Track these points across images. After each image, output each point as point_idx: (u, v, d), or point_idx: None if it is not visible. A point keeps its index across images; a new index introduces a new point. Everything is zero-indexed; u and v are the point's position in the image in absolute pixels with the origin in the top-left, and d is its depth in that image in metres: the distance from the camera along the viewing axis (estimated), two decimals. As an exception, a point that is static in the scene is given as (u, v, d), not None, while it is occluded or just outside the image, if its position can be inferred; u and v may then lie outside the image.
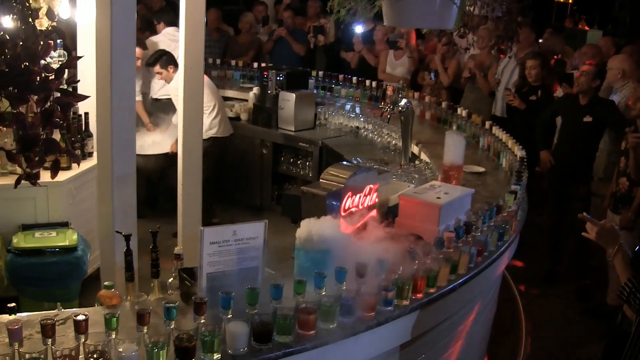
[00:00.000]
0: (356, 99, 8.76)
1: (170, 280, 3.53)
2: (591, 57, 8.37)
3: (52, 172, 2.96)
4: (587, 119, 7.09)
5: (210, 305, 3.06)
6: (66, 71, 2.98)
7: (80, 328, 2.86)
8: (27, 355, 2.65)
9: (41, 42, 2.92)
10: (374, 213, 4.31)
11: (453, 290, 3.82)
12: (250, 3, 12.60)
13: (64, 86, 3.04)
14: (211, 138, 7.51)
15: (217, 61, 10.19)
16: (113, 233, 4.63)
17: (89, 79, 4.59)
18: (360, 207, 4.20)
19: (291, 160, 8.14)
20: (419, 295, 3.59)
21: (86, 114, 6.18)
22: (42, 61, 2.95)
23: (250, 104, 8.69)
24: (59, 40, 6.04)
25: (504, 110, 8.93)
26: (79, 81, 2.86)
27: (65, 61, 2.86)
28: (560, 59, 9.84)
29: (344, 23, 10.09)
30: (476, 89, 9.29)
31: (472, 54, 9.63)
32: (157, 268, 3.61)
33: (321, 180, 4.17)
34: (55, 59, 5.90)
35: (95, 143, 6.04)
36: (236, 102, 8.96)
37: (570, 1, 18.03)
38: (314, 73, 9.24)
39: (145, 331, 2.93)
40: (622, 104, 7.39)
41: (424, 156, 6.33)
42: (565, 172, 7.35)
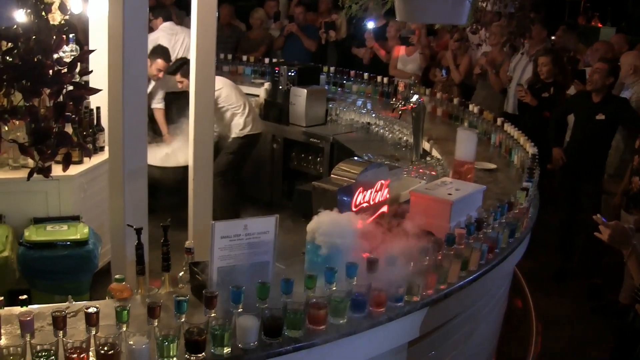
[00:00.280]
0: (367, 95, 8.75)
1: (180, 274, 3.53)
2: (603, 54, 8.34)
3: (64, 165, 2.96)
4: (600, 116, 7.06)
5: (220, 299, 3.07)
6: (78, 65, 2.98)
7: (91, 320, 2.87)
8: (38, 347, 2.66)
9: (54, 36, 2.92)
10: (385, 209, 4.31)
11: (464, 286, 3.81)
12: (262, -2, 12.61)
13: (76, 79, 3.04)
14: (247, 136, 7.51)
15: (228, 56, 10.19)
16: (124, 227, 4.64)
17: (100, 73, 4.59)
18: (371, 202, 4.19)
19: (302, 156, 8.13)
20: (430, 292, 3.59)
21: (98, 108, 6.18)
22: (55, 55, 2.95)
23: (261, 99, 8.69)
24: (71, 35, 6.06)
25: (515, 108, 8.90)
26: (91, 71, 2.86)
27: (77, 55, 2.85)
28: (573, 56, 9.81)
29: (356, 19, 10.09)
30: (487, 85, 9.27)
31: (484, 50, 9.61)
32: (168, 262, 3.62)
33: (332, 176, 4.17)
34: (68, 53, 5.90)
35: (106, 137, 6.07)
36: (248, 97, 8.95)
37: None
38: (325, 69, 9.25)
39: (156, 324, 2.94)
40: (633, 100, 7.36)
41: (435, 152, 6.32)
42: (577, 170, 7.33)
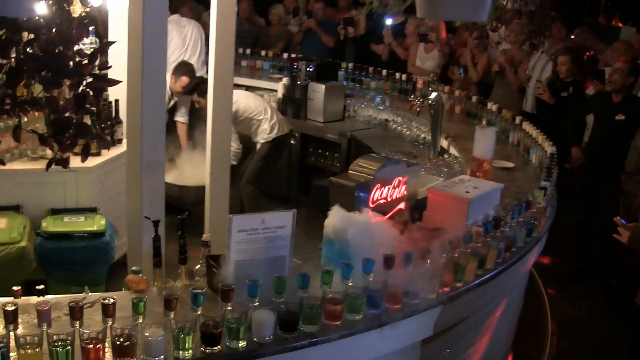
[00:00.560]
0: (386, 91, 8.74)
1: (197, 267, 3.54)
2: (623, 54, 8.30)
3: (83, 156, 2.98)
4: (620, 117, 7.02)
5: (236, 292, 3.07)
6: (99, 56, 2.99)
7: (108, 311, 2.89)
8: (54, 337, 2.66)
9: (75, 28, 2.93)
10: (402, 206, 4.30)
11: (480, 285, 3.80)
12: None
13: (96, 71, 3.05)
14: (275, 139, 7.48)
15: (247, 51, 10.20)
16: (141, 219, 4.64)
17: (119, 67, 4.60)
18: (389, 199, 4.19)
19: (319, 151, 8.13)
20: (446, 289, 3.58)
21: (116, 100, 6.20)
22: (76, 47, 2.96)
23: (279, 94, 8.70)
24: (91, 28, 6.07)
25: (533, 107, 8.87)
26: (110, 67, 2.86)
27: (97, 48, 2.86)
28: (593, 56, 9.76)
29: (376, 15, 10.08)
30: (506, 84, 9.23)
31: (503, 48, 9.58)
32: (184, 254, 3.62)
33: (350, 172, 4.16)
34: (87, 46, 5.91)
35: (124, 130, 6.09)
36: (265, 92, 8.96)
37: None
38: (343, 65, 9.23)
39: (172, 316, 2.95)
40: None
41: (453, 150, 6.31)
42: (595, 170, 7.29)
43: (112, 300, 2.90)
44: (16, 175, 5.52)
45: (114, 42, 2.99)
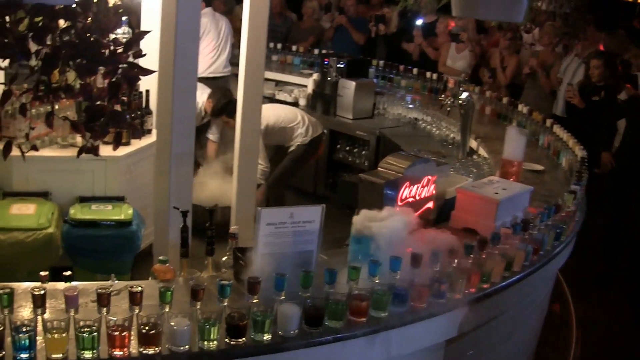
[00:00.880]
0: (416, 90, 8.70)
1: (224, 258, 3.55)
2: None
3: (114, 144, 2.99)
4: (653, 122, 6.97)
5: (263, 285, 3.07)
6: (133, 45, 3.00)
7: (135, 299, 2.90)
8: (81, 322, 2.68)
9: (111, 16, 2.94)
10: (430, 205, 4.28)
11: (507, 287, 3.77)
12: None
13: (130, 60, 3.06)
14: (310, 141, 7.43)
15: (278, 46, 10.20)
16: (168, 209, 4.66)
17: (151, 57, 4.61)
18: (417, 197, 4.17)
19: (347, 148, 8.12)
20: (472, 290, 3.56)
21: (147, 91, 6.22)
22: (111, 35, 2.97)
23: (309, 90, 8.69)
24: (124, 18, 6.10)
25: (564, 110, 8.81)
26: (145, 54, 2.87)
27: (132, 36, 2.87)
28: (626, 60, 9.67)
29: (410, 14, 10.06)
30: (537, 86, 9.18)
31: (535, 50, 9.52)
32: (212, 246, 3.63)
33: (379, 169, 4.15)
34: (120, 36, 5.94)
35: (154, 120, 6.11)
36: (295, 87, 8.97)
37: (638, 1, 17.65)
38: (374, 62, 9.21)
39: (198, 307, 2.95)
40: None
41: (482, 151, 6.27)
42: (626, 175, 7.24)
43: (139, 289, 2.92)
44: (46, 162, 5.54)
45: (149, 32, 3.00)
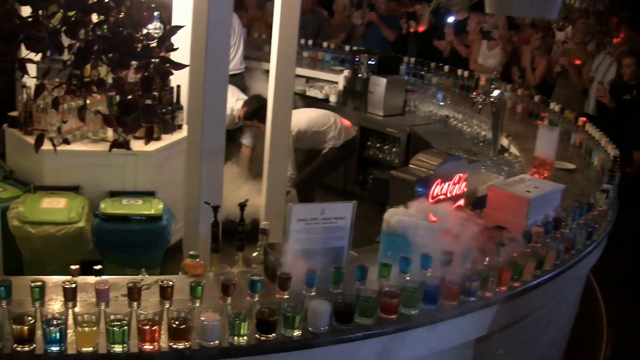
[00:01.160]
0: (447, 87, 8.66)
1: (254, 254, 3.54)
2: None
3: (146, 139, 3.01)
4: (685, 121, 6.90)
5: (293, 281, 3.07)
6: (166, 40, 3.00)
7: (166, 294, 2.91)
8: (112, 316, 2.69)
9: (144, 10, 2.95)
10: (461, 202, 4.26)
11: (538, 286, 3.75)
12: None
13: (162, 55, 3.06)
14: (343, 144, 7.39)
15: (309, 42, 10.19)
16: (199, 205, 4.66)
17: (181, 52, 4.61)
18: (449, 195, 4.15)
19: (377, 145, 8.09)
20: (503, 288, 3.54)
21: (178, 86, 6.24)
22: (144, 30, 2.98)
23: (340, 86, 8.67)
24: (155, 13, 6.11)
25: (595, 108, 8.73)
26: (177, 49, 2.88)
27: (165, 31, 2.88)
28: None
29: (443, 10, 10.01)
30: (568, 84, 9.10)
31: (565, 48, 9.44)
32: (242, 241, 3.63)
33: (411, 166, 4.14)
34: (152, 31, 5.95)
35: (185, 115, 6.13)
36: (326, 84, 8.96)
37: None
38: (405, 59, 9.17)
39: (229, 302, 2.95)
40: None
41: (513, 149, 6.23)
42: (658, 175, 7.18)
43: (170, 283, 2.93)
44: (77, 157, 5.58)
45: (182, 27, 3.00)
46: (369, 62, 8.17)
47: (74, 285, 2.90)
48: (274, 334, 2.87)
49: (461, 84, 8.62)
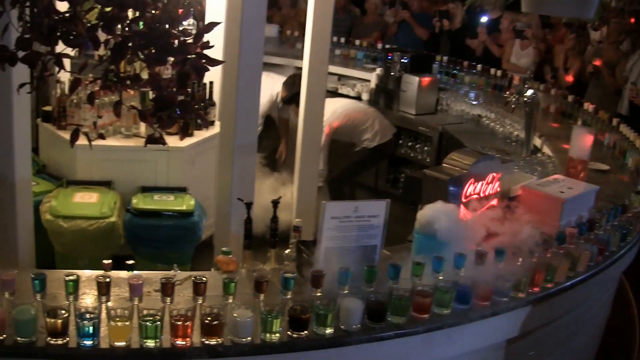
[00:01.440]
0: (480, 86, 8.61)
1: (286, 251, 3.55)
2: None
3: (182, 134, 3.00)
4: None
5: (326, 279, 3.07)
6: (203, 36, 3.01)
7: (199, 290, 2.92)
8: (145, 311, 2.70)
9: (180, 6, 2.95)
10: (494, 202, 4.24)
11: (571, 287, 3.73)
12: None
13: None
14: (376, 147, 7.35)
15: (341, 40, 10.18)
16: (230, 201, 4.67)
17: (214, 49, 4.63)
18: (482, 195, 4.13)
19: (409, 144, 8.05)
20: (536, 289, 3.52)
21: (211, 83, 6.25)
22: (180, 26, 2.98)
23: (372, 84, 8.64)
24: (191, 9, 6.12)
25: (628, 109, 8.64)
26: (212, 46, 2.88)
27: (202, 27, 2.88)
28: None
29: (479, 9, 9.96)
30: (601, 85, 9.01)
31: (598, 48, 9.36)
32: (275, 238, 3.63)
33: (444, 165, 4.13)
34: (186, 27, 5.96)
35: (217, 112, 6.14)
36: (358, 82, 8.93)
37: None
38: (438, 58, 9.13)
39: (262, 299, 2.96)
40: None
41: (546, 149, 6.19)
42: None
43: (204, 279, 2.93)
44: (109, 152, 5.60)
45: (219, 23, 3.00)
46: (402, 60, 8.14)
47: (108, 280, 2.92)
48: (306, 332, 2.87)
49: (494, 83, 8.56)
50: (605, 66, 8.85)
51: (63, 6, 2.70)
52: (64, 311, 2.69)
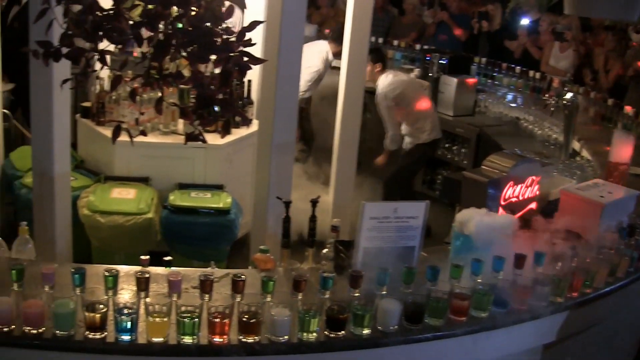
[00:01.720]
0: (518, 89, 8.55)
1: (324, 250, 3.55)
2: None
3: (223, 132, 3.01)
4: None
5: (364, 279, 3.06)
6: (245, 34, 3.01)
7: (238, 288, 2.92)
8: (183, 308, 2.71)
9: (224, 5, 2.96)
10: (533, 205, 4.21)
11: (610, 293, 3.68)
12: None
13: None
14: (431, 142, 7.28)
15: (379, 40, 10.16)
16: (267, 199, 4.68)
17: (253, 47, 4.65)
18: (521, 198, 4.10)
19: (447, 145, 8.02)
20: (574, 294, 3.49)
21: (249, 81, 6.26)
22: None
23: (410, 85, 8.61)
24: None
25: (669, 114, 8.54)
26: (254, 44, 2.88)
27: (246, 25, 2.88)
28: None
29: (520, 10, 9.89)
30: (641, 88, 8.91)
31: (638, 50, 9.25)
32: (313, 237, 3.63)
33: (483, 167, 4.11)
34: (228, 25, 5.98)
35: (255, 110, 6.15)
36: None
37: None
38: (476, 59, 9.08)
39: (300, 298, 2.96)
40: None
41: (585, 153, 6.13)
42: None
43: (243, 277, 2.94)
44: (148, 148, 5.63)
45: (262, 22, 3.01)
46: (440, 61, 8.11)
47: (147, 276, 2.94)
48: (343, 332, 2.87)
49: (532, 86, 8.49)
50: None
51: (107, 3, 2.71)
52: (102, 306, 2.71)
